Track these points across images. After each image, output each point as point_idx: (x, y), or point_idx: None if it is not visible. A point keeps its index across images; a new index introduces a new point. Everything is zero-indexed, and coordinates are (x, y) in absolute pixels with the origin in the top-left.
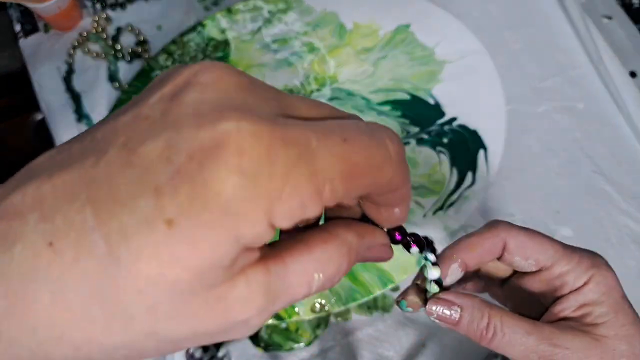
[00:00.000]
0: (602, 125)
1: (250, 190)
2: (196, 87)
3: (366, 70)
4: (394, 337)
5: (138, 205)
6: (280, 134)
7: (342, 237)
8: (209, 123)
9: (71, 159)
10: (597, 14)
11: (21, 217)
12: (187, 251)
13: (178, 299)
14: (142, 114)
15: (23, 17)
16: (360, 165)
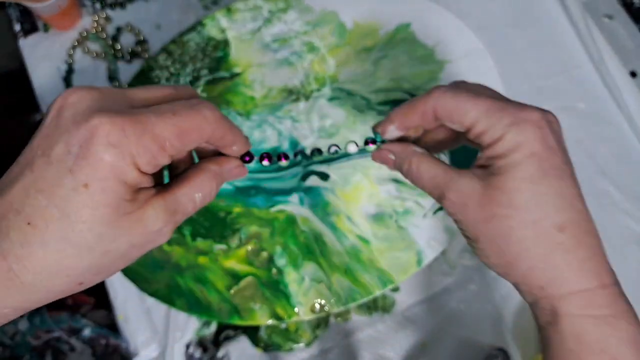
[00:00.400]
0: (603, 125)
1: (119, 154)
2: (69, 106)
3: (366, 70)
4: (394, 338)
5: (64, 183)
6: (128, 118)
7: (208, 167)
8: (84, 123)
9: (17, 175)
10: (598, 14)
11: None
12: (100, 196)
13: (111, 226)
14: (44, 133)
15: (22, 16)
16: (185, 127)
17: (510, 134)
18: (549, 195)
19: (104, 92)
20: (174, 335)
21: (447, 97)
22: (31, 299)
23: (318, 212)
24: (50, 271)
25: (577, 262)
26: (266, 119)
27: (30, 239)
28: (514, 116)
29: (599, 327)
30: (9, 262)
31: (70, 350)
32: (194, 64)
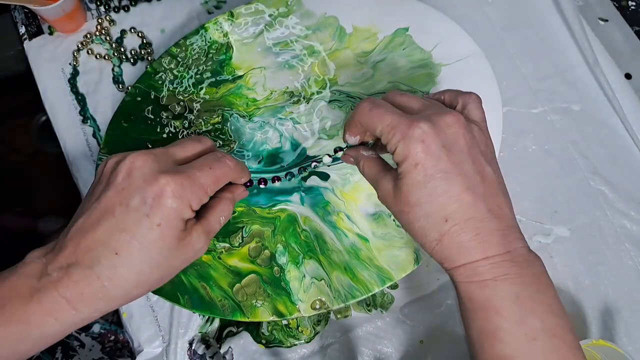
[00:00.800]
0: (598, 126)
1: (180, 202)
2: (137, 169)
3: (365, 73)
4: (393, 334)
5: (142, 224)
6: (183, 175)
7: (225, 196)
8: (154, 182)
9: (99, 219)
10: (593, 16)
11: (101, 245)
12: (168, 231)
13: (173, 250)
14: (118, 187)
15: (27, 19)
16: (218, 176)
17: (399, 147)
18: (435, 195)
19: (157, 155)
20: (177, 332)
21: (365, 112)
22: (114, 305)
23: (318, 211)
24: (131, 285)
25: (460, 243)
26: (268, 121)
27: (118, 264)
28: (401, 133)
29: (482, 289)
30: (102, 280)
31: (80, 347)
32: (197, 67)
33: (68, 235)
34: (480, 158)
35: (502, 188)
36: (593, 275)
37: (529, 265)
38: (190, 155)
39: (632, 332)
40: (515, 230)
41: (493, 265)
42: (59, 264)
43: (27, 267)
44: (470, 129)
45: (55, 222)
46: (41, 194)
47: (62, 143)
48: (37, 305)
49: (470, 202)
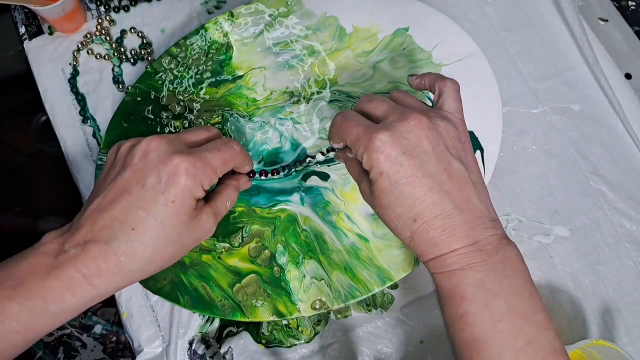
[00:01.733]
0: (598, 126)
1: (193, 180)
2: (152, 150)
3: (365, 73)
4: (393, 334)
5: (158, 201)
6: (196, 156)
7: (231, 183)
8: (168, 161)
9: (116, 198)
10: (593, 16)
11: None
12: (181, 207)
13: (186, 227)
14: (135, 167)
15: (27, 19)
16: (227, 158)
17: (364, 159)
18: (402, 198)
19: (171, 139)
20: (177, 332)
21: (337, 126)
22: (129, 280)
23: (318, 211)
24: (147, 260)
25: (429, 239)
26: (268, 121)
27: (134, 239)
28: (364, 145)
29: (450, 278)
30: (118, 255)
31: (82, 347)
32: (197, 67)
33: (84, 216)
34: (446, 154)
35: (472, 179)
36: (593, 275)
37: (497, 252)
38: (199, 140)
39: (632, 332)
40: (484, 221)
41: (460, 257)
42: (75, 242)
43: (45, 247)
44: (434, 126)
45: (55, 222)
46: (41, 194)
47: (62, 143)
48: (54, 281)
49: (435, 201)
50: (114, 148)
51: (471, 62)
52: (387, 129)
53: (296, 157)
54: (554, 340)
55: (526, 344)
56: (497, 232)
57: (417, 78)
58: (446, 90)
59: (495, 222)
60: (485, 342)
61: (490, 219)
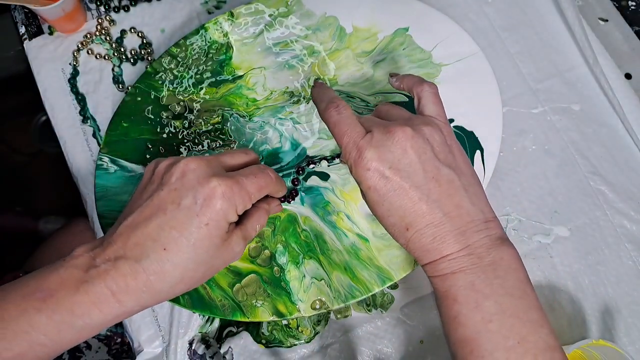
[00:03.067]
0: (598, 126)
1: (229, 204)
2: (191, 171)
3: (365, 73)
4: (393, 334)
5: (192, 223)
6: (232, 180)
7: (262, 206)
8: (205, 184)
9: (151, 216)
10: (593, 16)
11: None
12: (215, 231)
13: (217, 249)
14: (172, 186)
15: (27, 19)
16: (262, 185)
17: (353, 172)
18: (393, 210)
19: (210, 161)
20: (177, 332)
21: (332, 121)
22: (157, 300)
23: (318, 211)
24: (176, 281)
25: (421, 247)
26: (268, 121)
27: (165, 259)
28: (352, 160)
29: (443, 282)
30: (148, 274)
31: (87, 348)
32: (197, 67)
33: (117, 231)
34: (434, 162)
35: (462, 183)
36: (593, 275)
37: (489, 254)
38: (238, 164)
39: (632, 332)
40: (476, 224)
41: (451, 262)
42: (106, 257)
43: (75, 260)
44: (419, 134)
45: (55, 221)
46: (41, 194)
47: (62, 143)
48: (83, 295)
49: (425, 210)
50: (151, 165)
51: (471, 62)
52: (373, 145)
53: (297, 159)
54: (547, 338)
55: (517, 343)
56: (491, 232)
57: (397, 80)
58: (424, 95)
59: (490, 222)
60: (477, 342)
61: (484, 220)
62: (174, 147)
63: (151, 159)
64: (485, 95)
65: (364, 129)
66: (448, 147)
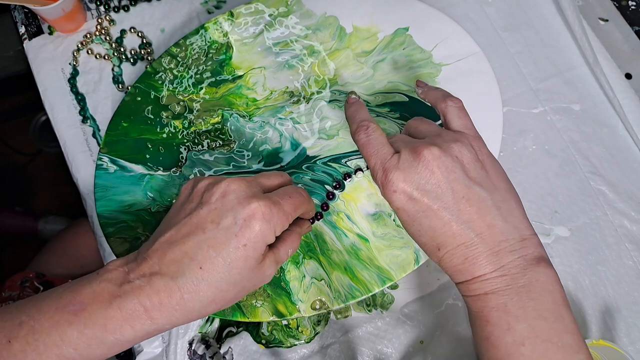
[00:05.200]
0: (598, 126)
1: (268, 226)
2: (231, 192)
3: (365, 73)
4: (393, 334)
5: (230, 243)
6: (272, 201)
7: (295, 230)
8: (246, 204)
9: (189, 234)
10: (593, 16)
11: (187, 258)
12: (252, 252)
13: (251, 271)
14: (212, 205)
15: (27, 19)
16: (297, 204)
17: (381, 192)
18: (423, 230)
19: (249, 182)
20: (177, 331)
21: (361, 143)
22: (189, 318)
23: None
24: (209, 300)
25: (453, 267)
26: (268, 121)
27: (200, 277)
28: (380, 182)
29: (476, 302)
30: (182, 293)
31: None
32: (197, 67)
33: (153, 247)
34: (464, 180)
35: (494, 200)
36: (593, 275)
37: (524, 275)
38: (274, 186)
39: (632, 332)
40: (511, 243)
41: (483, 283)
42: (141, 272)
43: (109, 274)
44: (447, 153)
45: (55, 221)
46: (41, 194)
47: (62, 143)
48: (116, 311)
49: (455, 231)
50: (190, 183)
51: (471, 62)
52: (399, 167)
53: (297, 159)
54: None
55: None
56: (526, 252)
57: (422, 92)
58: (449, 111)
59: (526, 241)
60: None
61: (519, 238)
62: (173, 147)
63: (151, 159)
64: (486, 95)
65: (392, 150)
66: (480, 163)
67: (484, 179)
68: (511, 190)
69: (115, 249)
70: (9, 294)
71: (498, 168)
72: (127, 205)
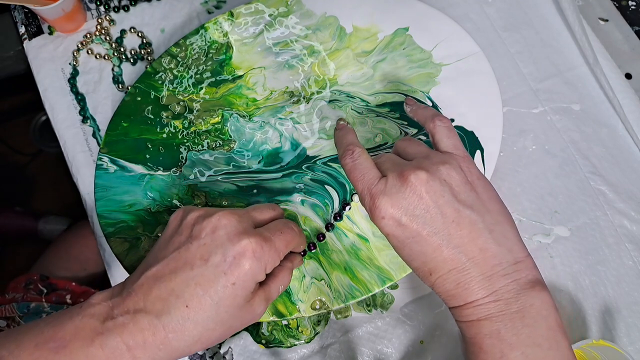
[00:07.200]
0: (598, 126)
1: (259, 264)
2: (222, 227)
3: (365, 73)
4: (393, 334)
5: (219, 281)
6: (263, 238)
7: (286, 265)
8: (237, 241)
9: (176, 270)
10: (593, 16)
11: (173, 296)
12: (241, 291)
13: (239, 310)
14: (201, 241)
15: (27, 19)
16: (289, 240)
17: (370, 217)
18: (414, 255)
19: (241, 216)
20: None
21: (347, 169)
22: (172, 357)
23: (318, 211)
24: (194, 340)
25: (446, 292)
26: (268, 121)
27: (186, 317)
28: (369, 208)
29: (469, 328)
30: (167, 332)
31: None
32: (197, 67)
33: (139, 281)
34: (453, 204)
35: (485, 223)
36: (593, 275)
37: (517, 300)
38: (265, 220)
39: (632, 332)
40: (504, 267)
41: (476, 308)
42: (125, 309)
43: (93, 308)
44: (436, 176)
45: (55, 221)
46: (41, 194)
47: (62, 143)
48: (98, 349)
49: (446, 257)
50: (179, 213)
51: (471, 62)
52: (386, 192)
53: (297, 159)
54: None
55: None
56: (520, 276)
57: (410, 109)
58: (437, 131)
59: (520, 264)
60: None
61: (513, 261)
62: (173, 147)
63: (151, 159)
64: (486, 95)
65: (379, 174)
66: (469, 185)
67: (474, 202)
68: (503, 211)
69: (115, 249)
70: (13, 296)
71: (489, 189)
72: (127, 205)
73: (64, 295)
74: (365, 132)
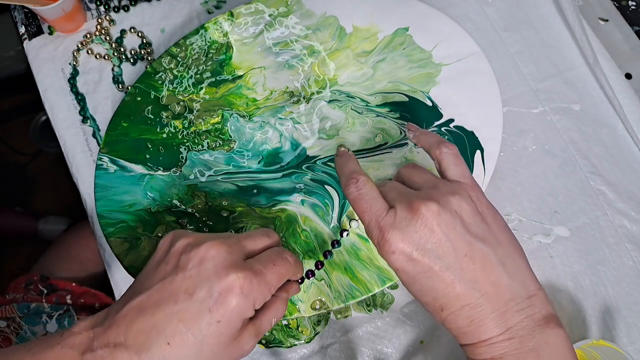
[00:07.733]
0: (598, 126)
1: (247, 301)
2: (209, 259)
3: (365, 73)
4: (393, 334)
5: (203, 318)
6: (252, 272)
7: (280, 295)
8: (224, 276)
9: (159, 302)
10: (593, 16)
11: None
12: (226, 329)
13: (225, 347)
14: (187, 273)
15: (27, 19)
16: (282, 272)
17: (378, 251)
18: (425, 291)
19: (231, 247)
20: None
21: (351, 198)
22: None
23: (318, 211)
24: None
25: (458, 329)
26: (268, 121)
27: (167, 355)
28: (377, 242)
29: None
30: None
31: None
32: (197, 67)
33: (122, 311)
34: (465, 237)
35: (498, 256)
36: (593, 275)
37: (532, 337)
38: (259, 249)
39: (632, 332)
40: (517, 302)
41: (490, 347)
42: (106, 341)
43: (74, 338)
44: (446, 208)
45: (55, 221)
46: (41, 194)
47: (62, 143)
48: None
49: (459, 292)
50: (168, 237)
51: (471, 62)
52: (396, 226)
53: (297, 159)
54: None
55: None
56: (534, 311)
57: (414, 137)
58: (444, 158)
59: (533, 298)
60: None
61: (526, 295)
62: (173, 147)
63: (151, 159)
64: (486, 95)
65: (386, 205)
66: (480, 216)
67: (485, 234)
68: (513, 242)
69: (115, 248)
70: (13, 296)
71: (498, 218)
72: (127, 205)
73: (64, 295)
74: (365, 132)
